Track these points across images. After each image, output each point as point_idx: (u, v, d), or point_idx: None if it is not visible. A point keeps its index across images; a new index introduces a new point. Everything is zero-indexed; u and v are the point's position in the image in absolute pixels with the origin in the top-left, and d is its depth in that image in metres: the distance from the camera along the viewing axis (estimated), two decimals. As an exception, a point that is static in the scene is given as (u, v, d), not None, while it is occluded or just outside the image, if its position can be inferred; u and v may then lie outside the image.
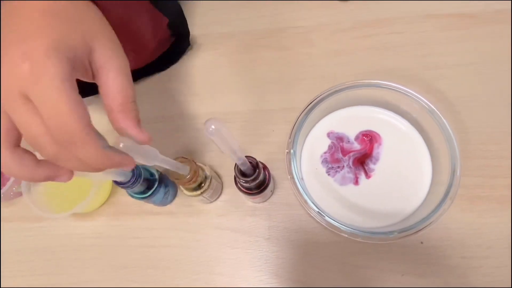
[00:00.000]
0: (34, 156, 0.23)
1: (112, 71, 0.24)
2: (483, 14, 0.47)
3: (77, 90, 0.21)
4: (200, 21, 0.53)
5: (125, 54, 0.26)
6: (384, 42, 0.48)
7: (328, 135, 0.42)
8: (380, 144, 0.41)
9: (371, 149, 0.40)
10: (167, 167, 0.30)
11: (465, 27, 0.47)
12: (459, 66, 0.45)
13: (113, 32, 0.26)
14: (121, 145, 0.23)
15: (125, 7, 0.31)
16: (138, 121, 0.25)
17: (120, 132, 0.24)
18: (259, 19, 0.52)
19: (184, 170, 0.32)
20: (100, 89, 0.24)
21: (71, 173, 0.24)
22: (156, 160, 0.27)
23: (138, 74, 0.49)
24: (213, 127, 0.24)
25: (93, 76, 0.25)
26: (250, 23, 0.52)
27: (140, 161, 0.26)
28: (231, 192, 0.44)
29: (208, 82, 0.50)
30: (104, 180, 0.43)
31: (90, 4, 0.26)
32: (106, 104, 0.24)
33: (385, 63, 0.47)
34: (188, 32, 0.49)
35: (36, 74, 0.20)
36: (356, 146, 0.41)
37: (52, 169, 0.23)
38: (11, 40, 0.21)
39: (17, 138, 0.22)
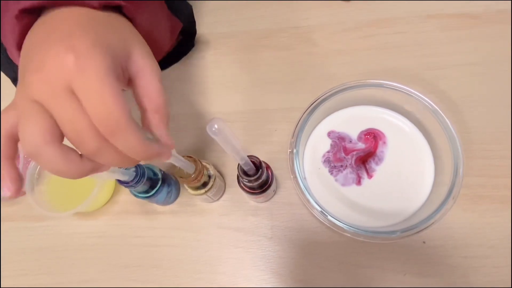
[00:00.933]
0: (77, 151, 0.23)
1: (151, 75, 0.26)
2: (484, 14, 0.47)
3: (119, 83, 0.22)
4: (202, 20, 0.53)
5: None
6: (385, 42, 0.48)
7: (329, 134, 0.42)
8: (384, 142, 0.41)
9: (376, 147, 0.40)
10: (177, 165, 0.30)
11: (466, 27, 0.47)
12: (461, 66, 0.45)
13: (146, 43, 0.28)
14: None
15: (149, 17, 0.32)
16: (168, 125, 0.27)
17: (150, 131, 0.26)
18: (261, 19, 0.52)
19: (191, 168, 0.33)
20: (138, 90, 0.26)
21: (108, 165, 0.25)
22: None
23: None
24: (216, 126, 0.24)
25: (129, 80, 0.26)
26: (252, 23, 0.52)
27: None
28: (233, 191, 0.44)
29: (210, 82, 0.50)
30: (108, 179, 0.43)
31: (124, 18, 0.28)
32: (143, 105, 0.26)
33: (387, 63, 0.47)
34: (195, 32, 0.50)
35: (81, 65, 0.20)
36: (361, 145, 0.41)
37: (94, 163, 0.23)
38: (55, 38, 0.22)
39: (61, 135, 0.22)
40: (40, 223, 0.45)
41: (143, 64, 0.26)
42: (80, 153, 0.23)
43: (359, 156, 0.40)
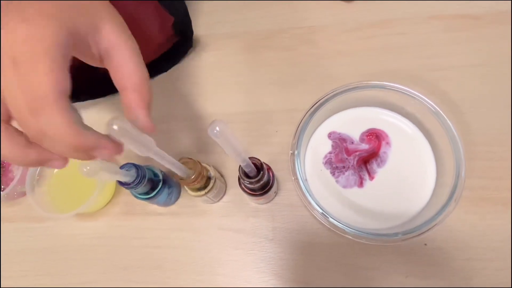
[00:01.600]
0: (26, 136, 0.21)
1: (126, 51, 0.24)
2: (486, 15, 0.47)
3: (68, 63, 0.20)
4: (203, 21, 0.53)
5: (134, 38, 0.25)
6: (387, 43, 0.48)
7: (329, 135, 0.42)
8: (387, 143, 0.40)
9: (379, 147, 0.40)
10: (162, 163, 0.28)
11: (468, 28, 0.47)
12: (463, 68, 0.45)
13: (122, 19, 0.26)
14: (114, 127, 0.21)
15: (135, 3, 0.31)
16: (149, 106, 0.24)
17: (129, 113, 0.23)
18: (263, 20, 0.52)
19: (181, 170, 0.32)
20: (113, 69, 0.24)
21: (64, 159, 0.22)
22: (150, 151, 0.25)
23: None
24: (217, 129, 0.24)
25: (101, 59, 0.24)
26: (254, 24, 0.52)
27: (134, 149, 0.24)
28: (234, 193, 0.44)
29: (212, 83, 0.50)
30: (109, 180, 0.43)
31: None
32: (119, 84, 0.24)
33: (389, 64, 0.47)
34: (192, 32, 0.49)
35: (30, 35, 0.19)
36: (364, 146, 0.41)
37: (44, 152, 0.21)
38: (13, 10, 0.20)
39: (9, 114, 0.21)
40: (40, 224, 0.45)
41: (116, 39, 0.24)
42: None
43: (361, 157, 0.40)
